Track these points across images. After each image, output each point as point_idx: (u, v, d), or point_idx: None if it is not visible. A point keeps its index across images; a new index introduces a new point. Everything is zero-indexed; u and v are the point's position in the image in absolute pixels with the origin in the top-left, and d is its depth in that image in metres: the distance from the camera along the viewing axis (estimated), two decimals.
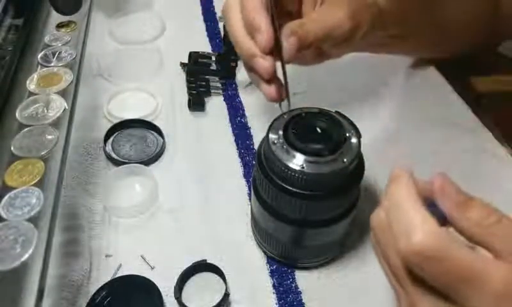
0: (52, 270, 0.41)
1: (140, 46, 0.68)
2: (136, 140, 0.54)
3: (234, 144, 0.55)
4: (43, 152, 0.44)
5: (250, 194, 0.47)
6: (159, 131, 0.55)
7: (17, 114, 0.48)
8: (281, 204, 0.38)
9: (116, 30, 0.70)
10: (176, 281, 0.41)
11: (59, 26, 0.62)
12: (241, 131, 0.56)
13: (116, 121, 0.55)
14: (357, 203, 0.40)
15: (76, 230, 0.45)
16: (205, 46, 0.68)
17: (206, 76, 0.61)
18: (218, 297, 0.40)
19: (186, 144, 0.54)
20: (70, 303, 0.40)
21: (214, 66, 0.62)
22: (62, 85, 0.52)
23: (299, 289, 0.42)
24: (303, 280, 0.42)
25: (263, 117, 0.57)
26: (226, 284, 0.41)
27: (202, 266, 0.42)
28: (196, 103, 0.58)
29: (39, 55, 0.57)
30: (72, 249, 0.44)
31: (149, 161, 0.52)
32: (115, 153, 0.53)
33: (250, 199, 0.47)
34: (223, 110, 0.59)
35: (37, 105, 0.50)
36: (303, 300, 0.41)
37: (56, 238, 0.41)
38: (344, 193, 0.37)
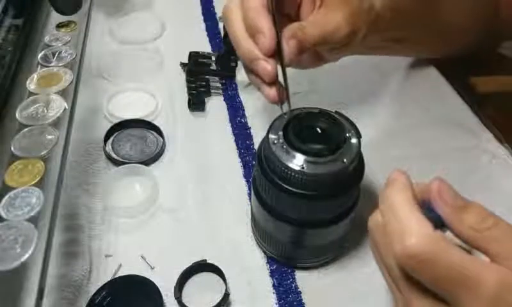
0: (52, 270, 0.41)
1: (140, 46, 0.68)
2: (136, 140, 0.54)
3: (234, 144, 0.55)
4: (43, 152, 0.44)
5: (250, 194, 0.47)
6: (159, 131, 0.55)
7: (17, 114, 0.48)
8: (281, 204, 0.38)
9: (116, 30, 0.70)
10: (176, 281, 0.41)
11: (59, 26, 0.62)
12: (241, 131, 0.56)
13: (116, 121, 0.55)
14: (357, 203, 0.40)
15: (76, 230, 0.45)
16: (205, 46, 0.68)
17: (206, 76, 0.61)
18: (218, 297, 0.40)
19: (186, 144, 0.54)
20: (70, 303, 0.40)
21: (214, 66, 0.62)
22: (62, 85, 0.52)
23: (299, 289, 0.42)
24: (303, 280, 0.42)
25: (263, 117, 0.57)
26: (226, 284, 0.41)
27: (202, 266, 0.42)
28: (196, 103, 0.58)
29: (39, 55, 0.57)
30: (72, 249, 0.44)
31: (149, 161, 0.52)
32: (115, 153, 0.53)
33: (250, 199, 0.47)
34: (223, 110, 0.59)
35: (37, 105, 0.50)
36: (303, 300, 0.41)
37: (56, 238, 0.41)
38: (344, 193, 0.37)
